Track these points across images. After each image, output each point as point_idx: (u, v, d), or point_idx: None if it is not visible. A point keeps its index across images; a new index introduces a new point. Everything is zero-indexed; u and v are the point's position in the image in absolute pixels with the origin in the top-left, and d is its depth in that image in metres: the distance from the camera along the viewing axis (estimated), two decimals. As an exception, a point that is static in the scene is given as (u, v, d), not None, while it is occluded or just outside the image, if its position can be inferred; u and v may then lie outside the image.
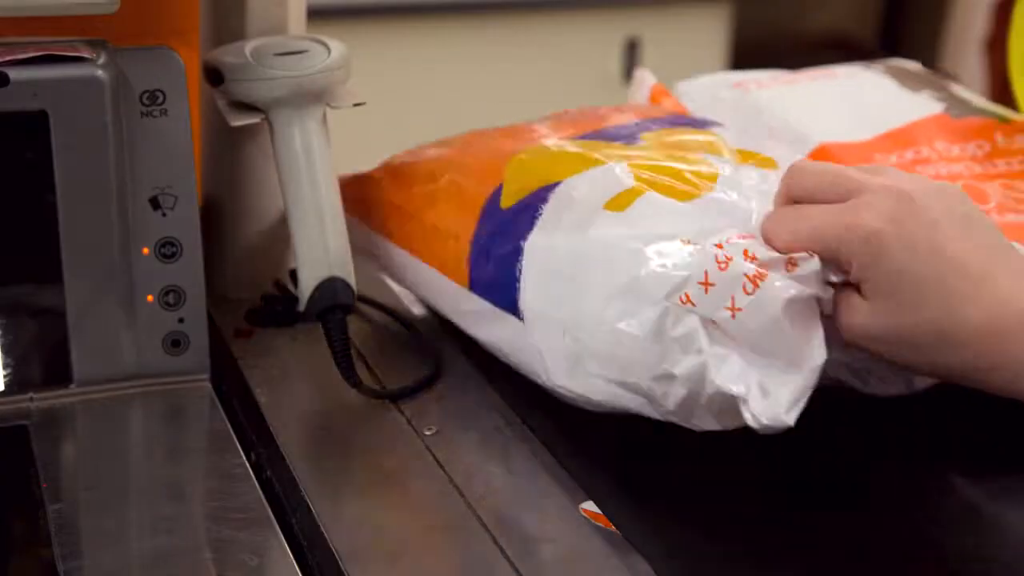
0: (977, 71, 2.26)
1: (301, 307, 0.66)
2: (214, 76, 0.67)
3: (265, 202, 0.77)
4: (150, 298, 0.67)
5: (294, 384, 0.70)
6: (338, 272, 0.66)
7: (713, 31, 3.05)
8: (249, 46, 0.66)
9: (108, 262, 0.65)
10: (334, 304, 0.66)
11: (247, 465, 0.61)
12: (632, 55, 3.07)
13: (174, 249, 0.66)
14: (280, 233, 0.77)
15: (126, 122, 0.64)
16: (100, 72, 0.63)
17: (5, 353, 0.66)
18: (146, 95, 0.65)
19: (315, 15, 0.80)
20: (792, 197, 0.58)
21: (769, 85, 0.85)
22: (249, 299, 0.78)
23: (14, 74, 0.61)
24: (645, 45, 3.08)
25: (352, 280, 0.67)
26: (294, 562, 0.54)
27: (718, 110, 0.84)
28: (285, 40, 0.68)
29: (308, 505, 0.58)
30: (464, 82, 2.86)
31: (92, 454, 0.63)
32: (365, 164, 0.82)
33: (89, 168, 0.63)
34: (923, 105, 0.83)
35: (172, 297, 0.67)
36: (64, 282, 0.65)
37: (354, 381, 0.66)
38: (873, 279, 0.54)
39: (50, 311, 0.65)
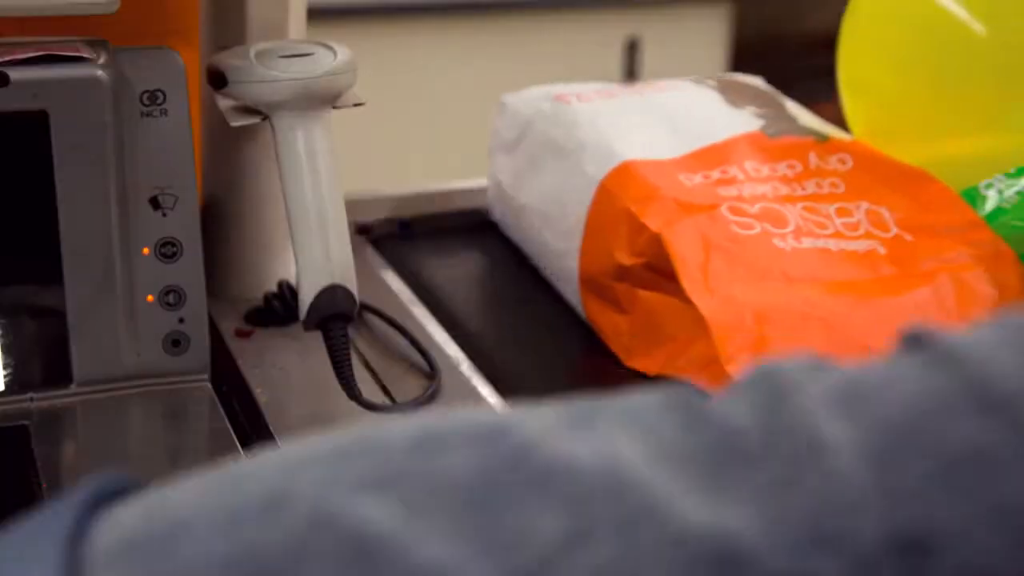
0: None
1: (301, 316, 0.65)
2: (217, 79, 0.67)
3: (265, 202, 0.77)
4: (150, 298, 0.67)
5: (294, 384, 0.70)
6: (340, 280, 0.65)
7: (713, 31, 3.05)
8: (253, 49, 0.66)
9: (108, 262, 0.65)
10: (335, 313, 0.65)
11: (247, 465, 0.61)
12: (632, 55, 3.08)
13: (174, 249, 0.66)
14: (280, 233, 0.77)
15: (126, 122, 0.64)
16: (100, 72, 0.62)
17: (5, 353, 0.66)
18: (146, 95, 0.65)
19: (315, 15, 0.80)
20: None
21: (590, 99, 0.85)
22: (249, 299, 0.78)
23: (14, 74, 0.61)
24: (645, 45, 3.08)
25: (354, 288, 0.66)
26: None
27: (537, 124, 0.84)
28: (290, 43, 0.68)
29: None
30: (464, 82, 2.86)
31: (92, 454, 0.63)
32: (365, 164, 0.82)
33: (89, 168, 0.63)
34: (741, 122, 0.82)
35: (172, 297, 0.67)
36: (64, 282, 0.65)
37: (353, 393, 0.65)
38: None
39: (50, 311, 0.65)
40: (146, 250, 0.66)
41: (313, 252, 0.64)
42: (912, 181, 0.77)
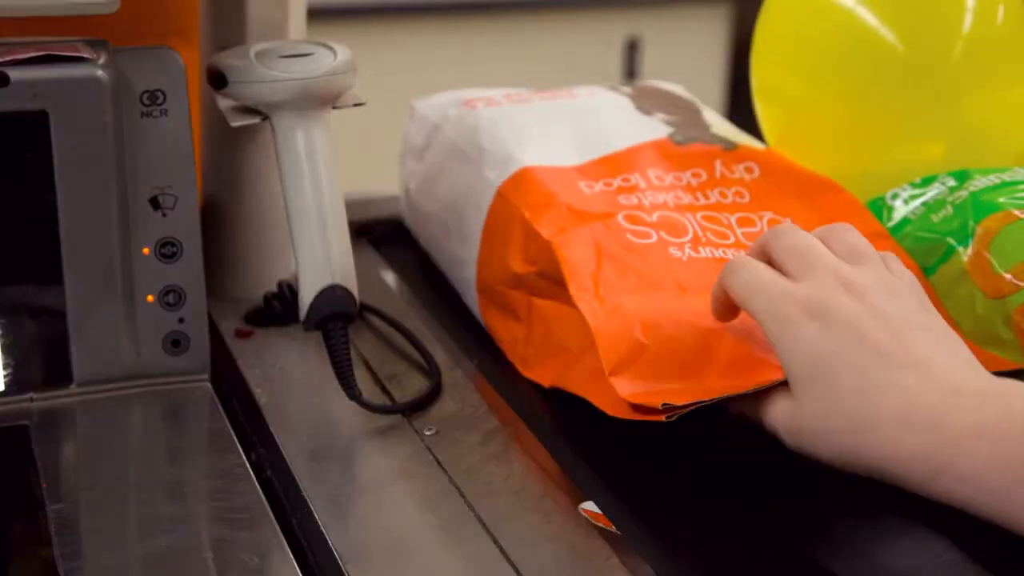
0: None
1: (301, 316, 0.65)
2: (217, 79, 0.67)
3: (266, 202, 0.77)
4: (150, 298, 0.67)
5: (294, 384, 0.70)
6: (340, 280, 0.65)
7: (713, 31, 3.05)
8: (253, 49, 0.66)
9: (108, 262, 0.65)
10: (335, 313, 0.65)
11: (247, 465, 0.61)
12: (632, 55, 3.08)
13: (174, 249, 0.66)
14: (280, 233, 0.77)
15: (126, 122, 0.64)
16: (100, 72, 0.63)
17: (5, 353, 0.66)
18: (146, 95, 0.65)
19: (315, 15, 0.80)
20: (763, 253, 0.61)
21: (499, 103, 0.83)
22: (249, 299, 0.78)
23: (14, 74, 0.61)
24: (645, 45, 3.08)
25: (354, 289, 0.66)
26: (294, 562, 0.54)
27: (445, 129, 0.82)
28: (290, 43, 0.68)
29: (308, 505, 0.58)
30: (464, 82, 2.86)
31: (92, 454, 0.63)
32: (365, 164, 0.82)
33: (89, 168, 0.63)
34: (650, 129, 0.80)
35: (172, 297, 0.67)
36: (64, 282, 0.65)
37: (353, 394, 0.65)
38: (787, 361, 0.56)
39: (50, 311, 0.65)
40: (146, 250, 0.66)
41: (314, 252, 0.64)
42: (819, 191, 0.75)
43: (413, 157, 0.86)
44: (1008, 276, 0.63)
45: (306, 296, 0.65)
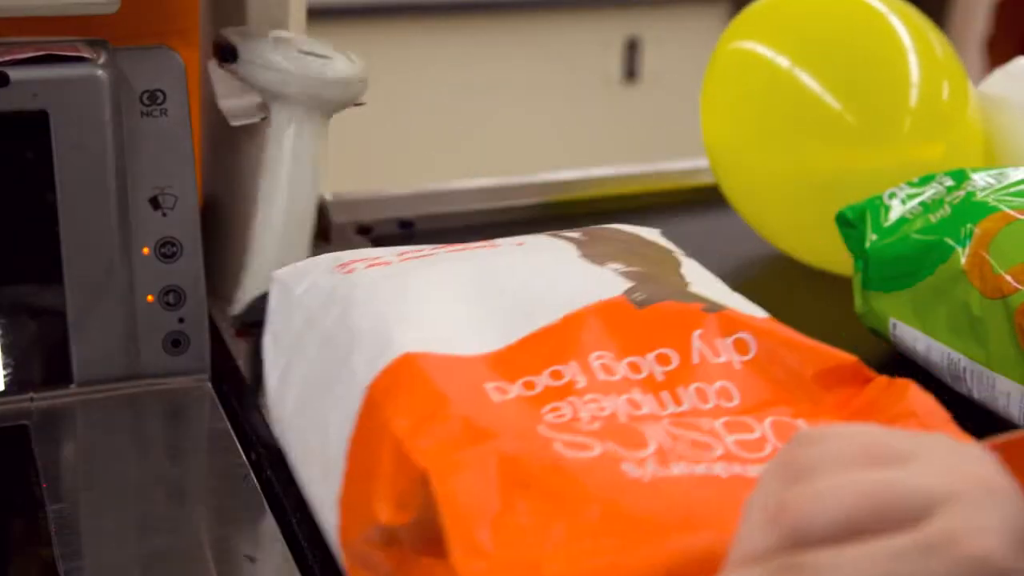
0: (977, 71, 2.27)
1: (234, 311, 0.63)
2: (227, 52, 0.65)
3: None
4: (150, 298, 0.67)
5: (294, 384, 0.70)
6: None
7: (713, 31, 3.05)
8: (274, 33, 0.65)
9: (108, 262, 0.65)
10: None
11: (247, 465, 0.61)
12: (632, 55, 3.08)
13: (174, 249, 0.66)
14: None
15: (126, 122, 0.64)
16: (100, 72, 0.63)
17: (5, 353, 0.66)
18: (146, 95, 0.65)
19: (315, 15, 0.81)
20: (788, 473, 0.37)
21: (388, 262, 0.58)
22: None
23: (14, 74, 0.61)
24: (645, 45, 3.08)
25: None
26: (294, 562, 0.54)
27: (309, 305, 0.58)
28: (311, 41, 0.67)
29: (308, 505, 0.58)
30: (464, 82, 2.86)
31: (92, 454, 0.63)
32: (365, 164, 0.82)
33: (89, 168, 0.63)
34: (598, 285, 0.55)
35: (172, 297, 0.67)
36: (64, 282, 0.65)
37: (258, 402, 0.63)
38: None
39: (50, 311, 0.65)
40: (146, 250, 0.66)
41: (266, 254, 0.63)
42: (841, 377, 0.50)
43: (273, 344, 0.60)
44: (1008, 277, 0.63)
45: (246, 294, 0.63)
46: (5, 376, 0.65)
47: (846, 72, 0.82)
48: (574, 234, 0.61)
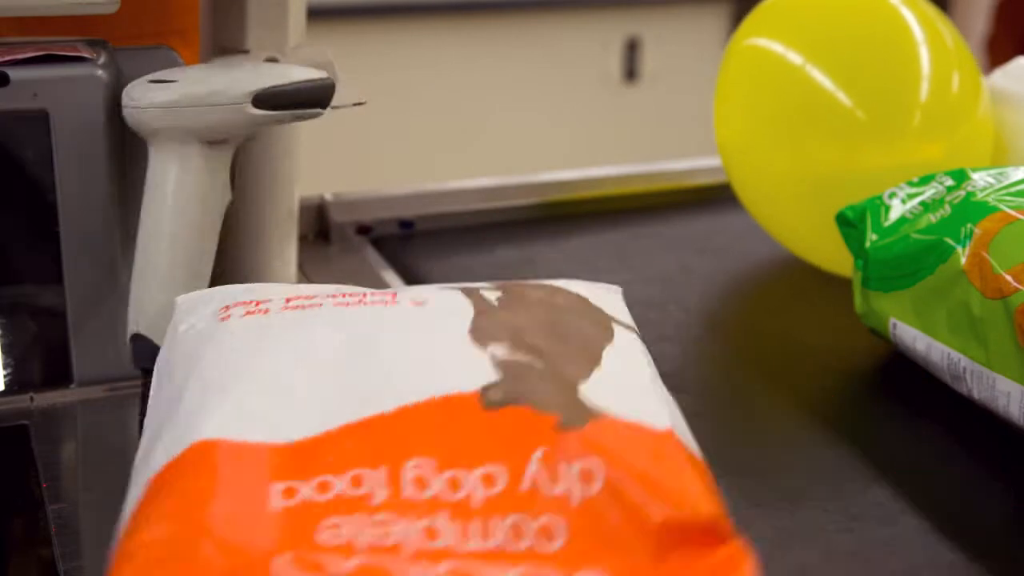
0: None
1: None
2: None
3: (264, 202, 0.77)
4: (150, 298, 0.67)
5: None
6: (146, 331, 0.61)
7: (713, 31, 3.05)
8: (161, 73, 0.61)
9: (108, 262, 0.65)
10: (141, 367, 0.61)
11: (247, 465, 0.61)
12: (632, 55, 3.08)
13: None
14: (280, 233, 0.77)
15: (126, 122, 0.64)
16: (100, 72, 0.62)
17: (5, 353, 0.66)
18: (146, 95, 0.64)
19: (315, 15, 0.81)
20: None
21: (266, 310, 0.51)
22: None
23: (14, 74, 0.61)
24: (645, 45, 3.08)
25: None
26: (294, 562, 0.53)
27: (186, 346, 0.50)
28: (181, 71, 0.62)
29: (308, 505, 0.58)
30: (464, 82, 2.86)
31: (92, 454, 0.63)
32: (365, 164, 0.82)
33: (89, 168, 0.63)
34: (461, 374, 0.46)
35: (172, 297, 0.67)
36: (64, 282, 0.65)
37: None
38: None
39: (50, 311, 0.65)
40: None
41: (135, 293, 0.60)
42: (688, 540, 0.41)
43: (156, 379, 0.52)
44: (1008, 277, 0.63)
45: (126, 335, 0.61)
46: (5, 376, 0.65)
47: (856, 67, 0.82)
48: (491, 293, 0.53)
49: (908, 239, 0.70)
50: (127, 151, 0.65)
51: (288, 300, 0.52)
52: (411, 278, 0.85)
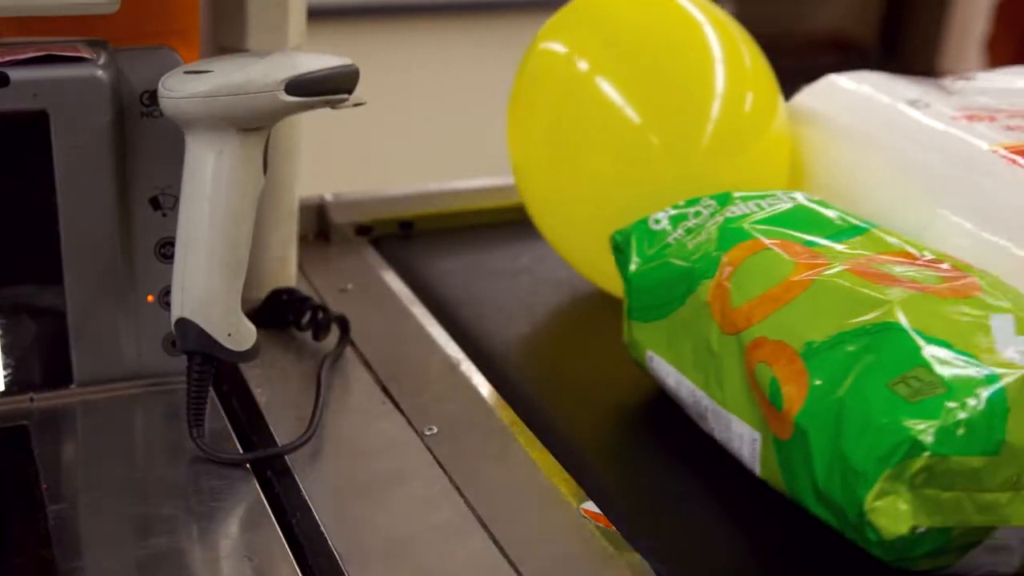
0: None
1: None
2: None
3: (265, 202, 0.77)
4: (150, 298, 0.67)
5: (294, 384, 0.70)
6: (190, 315, 0.61)
7: (713, 31, 3.04)
8: (192, 65, 0.62)
9: (108, 262, 0.65)
10: (186, 349, 0.62)
11: (247, 465, 0.61)
12: (632, 55, 3.07)
13: (174, 249, 0.66)
14: (280, 234, 0.77)
15: (126, 122, 0.64)
16: (100, 72, 0.62)
17: (5, 353, 0.66)
18: (146, 95, 0.65)
19: (315, 15, 0.81)
20: None
21: None
22: (249, 299, 0.78)
23: (14, 74, 0.61)
24: (645, 45, 3.07)
25: (216, 328, 0.61)
26: (294, 562, 0.54)
27: None
28: (215, 61, 0.62)
29: (308, 505, 0.58)
30: (464, 82, 2.86)
31: (92, 454, 0.63)
32: (365, 164, 0.82)
33: (89, 168, 0.63)
34: None
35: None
36: (64, 282, 0.65)
37: (192, 434, 0.62)
38: None
39: (50, 311, 0.65)
40: (146, 250, 0.66)
41: (176, 279, 0.61)
42: None
43: None
44: (743, 310, 0.57)
45: (171, 322, 0.62)
46: (5, 376, 0.65)
47: (646, 79, 0.76)
48: None
49: (667, 266, 0.64)
50: (127, 151, 0.65)
51: None
52: (411, 278, 0.86)
